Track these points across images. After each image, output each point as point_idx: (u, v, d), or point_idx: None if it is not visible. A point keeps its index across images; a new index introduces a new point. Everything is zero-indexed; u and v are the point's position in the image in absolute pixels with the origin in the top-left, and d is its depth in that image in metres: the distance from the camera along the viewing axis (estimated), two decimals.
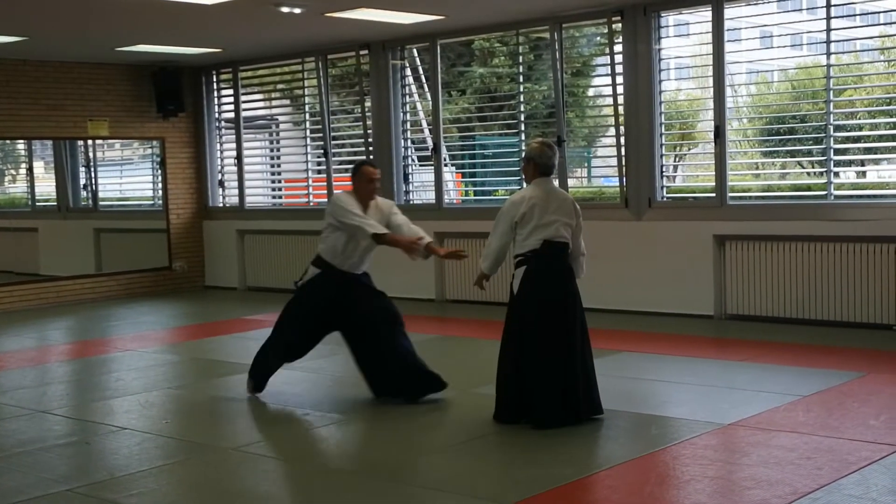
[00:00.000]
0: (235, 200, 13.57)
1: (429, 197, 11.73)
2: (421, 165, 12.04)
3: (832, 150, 9.04)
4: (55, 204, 13.74)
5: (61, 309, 12.15)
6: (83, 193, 13.77)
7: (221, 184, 13.75)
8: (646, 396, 6.76)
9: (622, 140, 9.97)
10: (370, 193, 6.57)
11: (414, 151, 12.03)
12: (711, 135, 9.56)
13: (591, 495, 4.86)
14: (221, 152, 13.77)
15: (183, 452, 5.74)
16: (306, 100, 12.99)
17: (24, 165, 13.60)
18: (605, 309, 9.68)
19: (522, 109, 11.27)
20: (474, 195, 12.49)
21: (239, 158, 13.39)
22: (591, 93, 12.85)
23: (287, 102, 14.55)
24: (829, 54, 8.98)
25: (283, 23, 10.04)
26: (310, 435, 5.91)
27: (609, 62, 10.02)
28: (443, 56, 11.55)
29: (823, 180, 9.18)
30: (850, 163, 10.16)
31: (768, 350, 8.05)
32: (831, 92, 9.05)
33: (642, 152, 9.88)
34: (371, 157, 11.82)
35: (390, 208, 6.67)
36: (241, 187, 13.43)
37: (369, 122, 11.86)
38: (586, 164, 14.38)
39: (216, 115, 13.71)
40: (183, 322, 11.08)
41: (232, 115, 13.47)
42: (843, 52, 9.36)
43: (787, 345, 8.24)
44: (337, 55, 12.31)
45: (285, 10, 9.26)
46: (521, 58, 11.44)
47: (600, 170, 13.64)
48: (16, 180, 13.84)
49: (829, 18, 8.84)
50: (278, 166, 14.06)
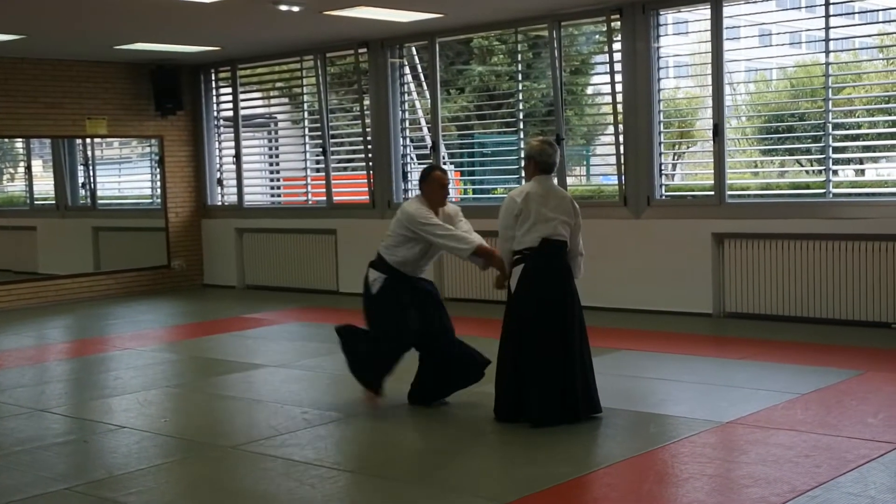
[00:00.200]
0: (234, 199, 13.57)
1: None
2: (420, 163, 12.03)
3: (831, 149, 9.04)
4: (54, 202, 13.73)
5: (60, 307, 12.15)
6: (81, 192, 13.76)
7: (220, 182, 13.74)
8: (644, 395, 6.77)
9: (621, 138, 9.98)
10: (441, 200, 6.29)
11: (413, 150, 12.02)
12: (710, 133, 9.56)
13: (590, 494, 4.86)
14: (220, 151, 13.76)
15: (181, 451, 5.74)
16: (305, 98, 12.99)
17: (22, 164, 13.59)
18: (603, 307, 9.69)
19: (521, 108, 11.26)
20: (473, 193, 12.49)
21: (237, 157, 13.39)
22: (589, 91, 12.85)
23: (286, 101, 14.54)
24: (827, 52, 8.98)
25: (281, 21, 10.04)
26: (308, 433, 5.91)
27: (608, 60, 10.02)
28: (441, 54, 11.55)
29: (822, 178, 9.18)
30: (848, 161, 10.15)
31: (767, 348, 8.05)
32: (830, 90, 9.05)
33: (641, 150, 9.88)
34: (369, 155, 11.83)
35: (457, 214, 6.39)
36: (239, 186, 13.43)
37: (368, 121, 11.85)
38: (585, 163, 14.36)
39: (215, 114, 13.71)
40: (181, 320, 11.08)
41: (230, 113, 13.46)
42: (842, 51, 9.36)
43: (786, 343, 8.24)
44: (335, 53, 12.31)
45: (284, 8, 9.25)
46: (519, 56, 11.44)
47: (599, 168, 13.64)
48: (14, 179, 13.83)
49: (827, 17, 8.84)
50: (277, 165, 14.05)
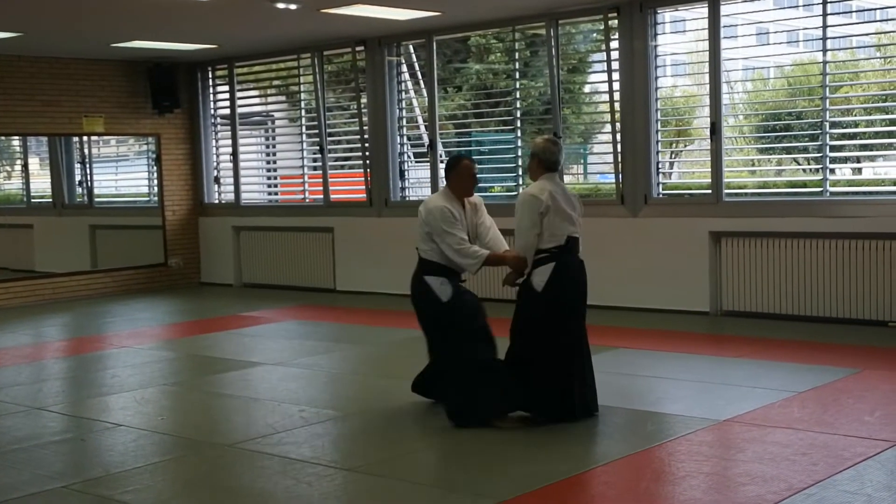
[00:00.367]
0: (231, 197, 13.56)
1: (425, 193, 11.71)
2: (417, 162, 12.03)
3: (828, 147, 9.05)
4: (50, 200, 13.72)
5: (57, 306, 12.14)
6: (78, 190, 13.75)
7: (217, 180, 13.73)
8: (641, 393, 6.77)
9: (618, 137, 9.97)
10: (469, 190, 6.13)
11: (410, 148, 12.02)
12: (707, 131, 9.56)
13: (587, 492, 4.86)
14: (217, 149, 13.75)
15: (178, 449, 5.74)
16: (302, 96, 12.98)
17: (19, 162, 13.57)
18: (600, 305, 9.66)
19: (518, 106, 11.26)
20: None
21: (234, 155, 13.38)
22: (587, 89, 12.85)
23: (283, 99, 14.52)
24: (825, 51, 8.98)
25: (278, 19, 10.03)
26: (305, 431, 5.91)
27: (605, 59, 10.02)
28: (439, 52, 11.54)
29: (819, 177, 9.18)
30: (845, 159, 10.16)
31: (764, 346, 8.06)
32: (827, 89, 9.05)
33: (638, 149, 9.88)
34: (367, 153, 11.82)
35: (481, 205, 6.25)
36: (236, 184, 13.43)
37: (365, 119, 11.85)
38: (582, 161, 14.37)
39: (212, 112, 13.70)
40: (179, 319, 11.08)
41: (227, 111, 13.45)
42: (840, 49, 9.37)
43: (783, 341, 8.25)
44: (333, 51, 12.30)
45: (281, 6, 9.24)
46: (517, 54, 11.44)
47: (596, 166, 13.64)
48: (11, 177, 13.81)
49: (825, 15, 8.85)
50: (274, 163, 14.04)
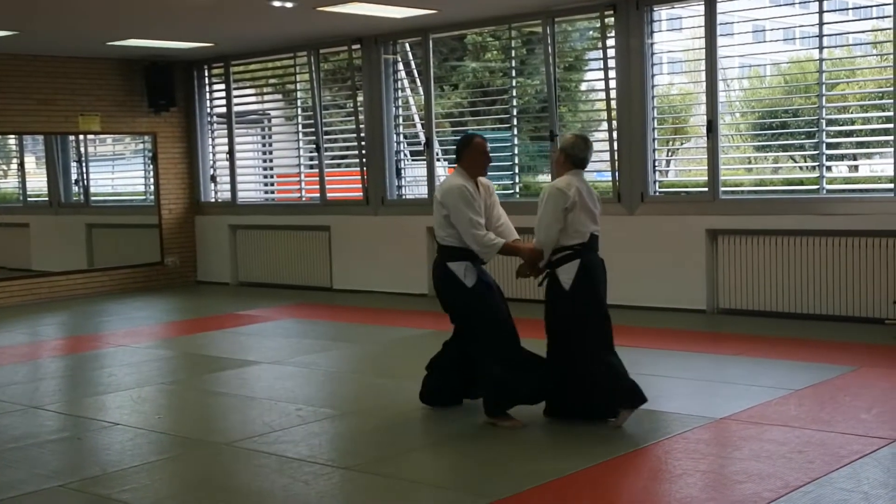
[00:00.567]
0: (227, 196, 13.55)
1: (421, 192, 11.71)
2: (413, 160, 12.02)
3: (824, 145, 9.05)
4: (47, 199, 13.71)
5: (53, 304, 12.12)
6: (75, 189, 13.74)
7: (213, 179, 13.72)
8: None
9: (615, 135, 9.97)
10: (483, 167, 6.03)
11: (406, 146, 12.01)
12: (704, 129, 9.56)
13: (584, 490, 4.86)
14: (213, 147, 13.73)
15: (175, 448, 5.74)
16: (298, 94, 12.97)
17: (15, 161, 13.56)
18: None
19: (515, 104, 11.26)
20: None
21: (231, 153, 13.36)
22: (583, 87, 12.85)
23: (279, 97, 14.51)
24: (821, 48, 8.99)
25: (274, 17, 10.02)
26: (302, 430, 5.90)
27: (601, 56, 10.02)
28: (435, 50, 11.54)
29: (816, 174, 9.19)
30: (842, 157, 10.16)
31: (760, 344, 8.06)
32: (824, 86, 9.06)
33: (635, 147, 9.88)
34: (363, 151, 11.81)
35: (493, 191, 6.13)
36: (233, 182, 13.41)
37: (361, 117, 11.83)
38: None
39: (208, 110, 13.68)
40: (175, 317, 11.07)
41: (224, 109, 13.44)
42: (836, 47, 9.39)
43: (780, 339, 8.26)
44: (329, 50, 12.28)
45: (277, 3, 9.23)
46: (513, 52, 11.43)
47: (593, 164, 13.50)
48: (7, 176, 13.80)
49: (821, 13, 8.85)
50: (270, 161, 14.03)
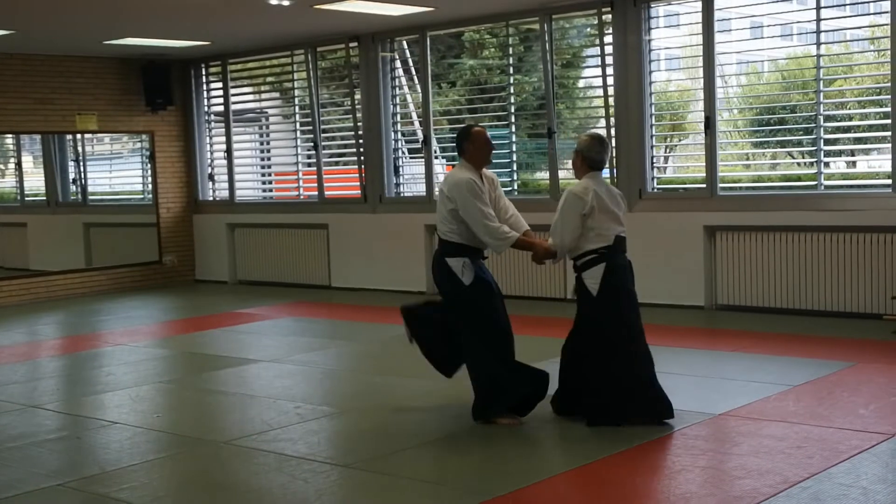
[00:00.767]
0: (225, 194, 13.54)
1: (419, 189, 11.71)
2: (411, 158, 12.02)
3: (822, 141, 9.05)
4: (44, 199, 13.69)
5: (51, 304, 12.12)
6: (72, 188, 13.73)
7: (211, 177, 13.71)
8: None
9: (612, 131, 9.97)
10: (487, 156, 5.89)
11: (404, 144, 12.01)
12: (702, 126, 9.56)
13: (583, 487, 4.86)
14: (211, 146, 13.73)
15: (174, 446, 5.74)
16: (296, 93, 12.96)
17: (12, 160, 13.55)
18: None
19: (513, 101, 11.26)
20: None
21: (228, 152, 13.36)
22: (581, 84, 12.83)
23: (276, 95, 14.50)
24: (819, 44, 8.99)
25: (271, 15, 10.01)
26: (301, 428, 5.90)
27: (599, 54, 10.01)
28: (432, 48, 11.53)
29: (813, 171, 9.19)
30: (840, 153, 10.17)
31: (759, 340, 8.06)
32: (821, 82, 9.06)
33: (633, 144, 9.88)
34: (361, 149, 11.81)
35: (498, 184, 6.01)
36: (230, 181, 13.40)
37: (359, 115, 11.83)
38: None
39: (205, 109, 13.67)
40: (174, 316, 11.06)
41: (221, 108, 13.43)
42: (834, 43, 9.38)
43: (778, 335, 8.26)
44: (326, 48, 12.28)
45: (274, 2, 9.22)
46: (510, 49, 11.42)
47: None
48: (4, 175, 13.78)
49: (819, 8, 8.84)
50: (268, 160, 14.03)
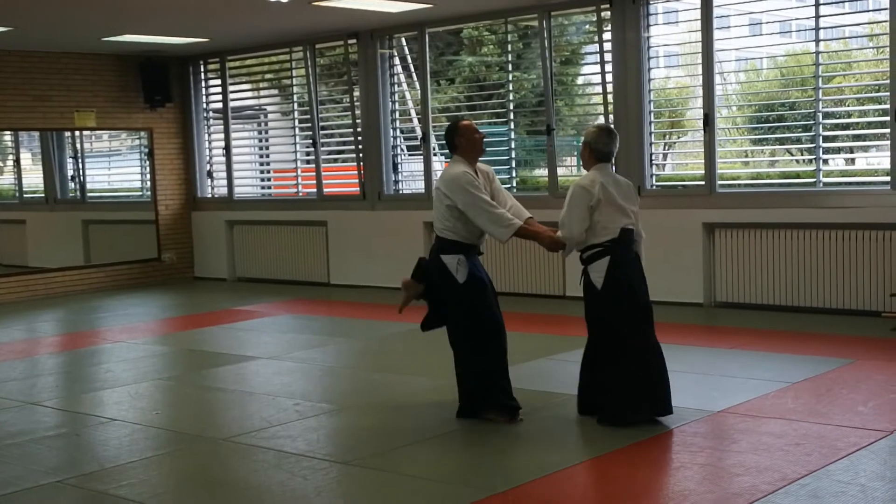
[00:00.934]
0: (224, 191, 13.54)
1: (418, 186, 11.71)
2: (410, 155, 12.01)
3: (821, 138, 9.05)
4: (43, 196, 13.68)
5: (50, 301, 12.11)
6: (71, 185, 13.72)
7: (210, 174, 13.71)
8: None
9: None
10: (479, 148, 5.78)
11: (403, 141, 12.00)
12: (701, 123, 9.56)
13: (582, 483, 4.87)
14: (210, 143, 13.72)
15: (173, 443, 5.74)
16: (294, 90, 12.95)
17: (11, 157, 13.53)
18: None
19: (511, 98, 11.25)
20: None
21: (227, 149, 13.35)
22: (580, 81, 12.83)
23: (275, 92, 14.49)
24: (817, 41, 8.98)
25: (270, 12, 10.00)
26: (300, 425, 5.90)
27: (598, 50, 10.01)
28: (431, 45, 11.52)
29: (812, 168, 9.19)
30: (838, 150, 10.17)
31: (757, 337, 8.07)
32: (820, 79, 9.05)
33: (631, 141, 9.88)
34: (360, 146, 11.80)
35: (493, 177, 5.91)
36: (229, 178, 13.40)
37: (358, 112, 11.82)
38: (575, 153, 14.36)
39: (204, 106, 13.66)
40: (172, 313, 11.06)
41: (220, 105, 13.42)
42: (832, 39, 9.36)
43: (777, 332, 8.26)
44: (325, 44, 12.27)
45: None
46: (509, 46, 11.42)
47: None
48: (3, 172, 13.77)
49: (817, 5, 8.84)
50: (267, 157, 14.02)
